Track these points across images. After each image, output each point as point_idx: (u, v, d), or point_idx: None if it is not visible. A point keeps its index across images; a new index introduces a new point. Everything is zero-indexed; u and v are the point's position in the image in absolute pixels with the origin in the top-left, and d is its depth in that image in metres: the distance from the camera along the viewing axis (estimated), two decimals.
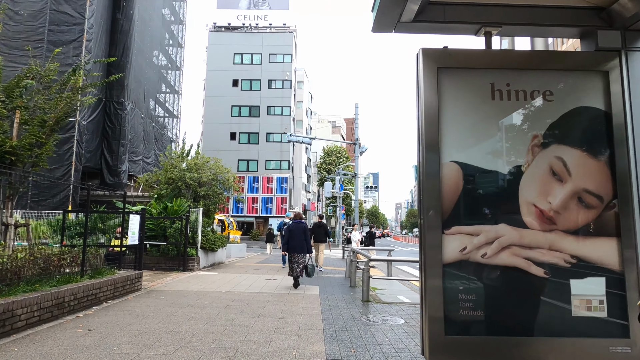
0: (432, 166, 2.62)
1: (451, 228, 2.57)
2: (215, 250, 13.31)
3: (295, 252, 8.88)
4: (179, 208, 12.44)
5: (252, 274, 11.78)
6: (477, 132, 2.70)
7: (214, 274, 11.41)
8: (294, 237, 8.96)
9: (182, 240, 11.58)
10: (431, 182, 2.60)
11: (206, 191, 13.47)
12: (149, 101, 23.56)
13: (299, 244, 8.88)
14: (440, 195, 2.58)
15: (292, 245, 8.92)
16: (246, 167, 45.52)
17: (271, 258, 18.48)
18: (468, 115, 2.72)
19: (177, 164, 13.52)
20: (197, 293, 7.93)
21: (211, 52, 47.20)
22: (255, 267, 13.95)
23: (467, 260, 2.55)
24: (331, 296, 8.03)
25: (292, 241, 8.95)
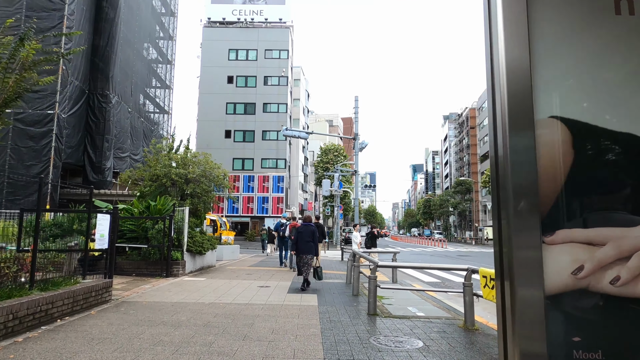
0: (518, 126, 1.48)
1: (554, 233, 1.43)
2: (204, 253, 12.18)
3: (304, 253, 9.04)
4: (162, 207, 11.31)
5: (243, 279, 10.66)
6: (594, 71, 1.56)
7: (201, 280, 10.28)
8: (302, 239, 9.10)
9: (165, 243, 10.44)
10: (518, 154, 1.46)
11: (193, 189, 12.33)
12: (138, 95, 22.39)
13: (307, 246, 9.04)
14: (534, 177, 1.46)
15: (301, 247, 9.08)
16: (241, 165, 44.39)
17: (266, 260, 17.35)
18: (578, 41, 1.58)
19: (163, 159, 12.38)
20: (175, 305, 6.80)
21: (205, 48, 46.01)
22: (248, 270, 12.83)
23: (586, 289, 1.43)
24: (332, 308, 6.92)
25: (300, 243, 9.10)
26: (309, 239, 9.08)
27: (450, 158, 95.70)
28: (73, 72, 16.66)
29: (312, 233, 9.16)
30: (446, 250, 33.37)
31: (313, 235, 9.16)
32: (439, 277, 13.02)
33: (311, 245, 9.06)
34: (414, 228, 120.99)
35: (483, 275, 5.53)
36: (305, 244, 9.04)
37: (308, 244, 9.04)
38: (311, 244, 9.07)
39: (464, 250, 32.59)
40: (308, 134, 16.52)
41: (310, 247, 9.05)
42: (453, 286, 11.11)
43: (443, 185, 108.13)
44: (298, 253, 9.16)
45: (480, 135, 71.90)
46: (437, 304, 7.80)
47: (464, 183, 65.47)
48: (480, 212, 72.61)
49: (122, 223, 10.95)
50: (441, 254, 26.42)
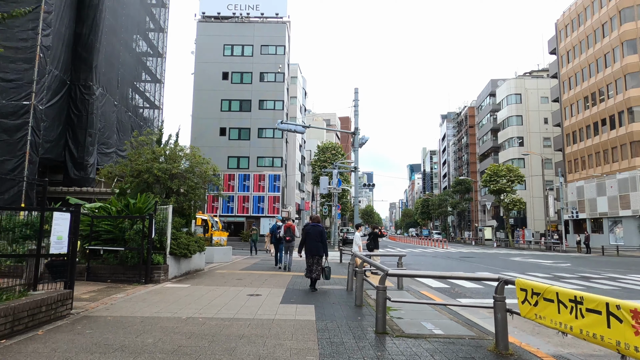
0: None
1: None
2: (190, 256, 11.06)
3: (312, 254, 9.07)
4: (143, 205, 10.18)
5: (232, 285, 9.56)
6: None
7: (184, 287, 9.16)
8: (311, 240, 9.13)
9: (144, 245, 9.32)
10: None
11: (179, 185, 11.19)
12: (126, 88, 21.21)
13: (315, 247, 9.07)
14: None
15: (309, 248, 9.12)
16: (237, 164, 43.22)
17: (259, 263, 16.25)
18: None
19: (145, 152, 11.24)
20: (145, 322, 5.69)
21: (200, 44, 44.79)
22: (239, 275, 11.73)
23: None
24: (332, 324, 5.83)
25: (309, 243, 9.14)
26: (318, 239, 9.13)
27: (449, 157, 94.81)
28: (52, 61, 15.48)
29: (320, 233, 9.22)
30: (447, 251, 32.36)
31: (321, 236, 9.21)
32: (447, 282, 11.96)
33: (319, 245, 9.11)
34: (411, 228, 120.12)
35: (521, 287, 4.45)
36: (314, 244, 9.09)
37: (317, 244, 9.09)
38: (319, 244, 9.11)
39: (465, 251, 31.60)
40: (305, 128, 15.43)
41: (319, 247, 9.10)
42: (465, 293, 10.05)
43: (441, 185, 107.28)
44: (307, 253, 9.16)
45: (480, 134, 71.05)
46: (453, 316, 6.73)
47: (464, 182, 64.54)
48: (479, 212, 71.79)
49: (97, 223, 9.84)
50: (442, 255, 25.40)
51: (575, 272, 15.90)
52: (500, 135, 60.47)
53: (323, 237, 9.24)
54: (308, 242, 9.15)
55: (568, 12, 45.31)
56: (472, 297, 9.41)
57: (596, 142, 39.79)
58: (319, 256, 9.10)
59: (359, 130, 16.84)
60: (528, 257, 25.07)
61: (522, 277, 13.20)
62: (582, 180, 41.56)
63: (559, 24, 47.26)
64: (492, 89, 65.06)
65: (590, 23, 41.09)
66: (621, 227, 36.26)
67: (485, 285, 11.26)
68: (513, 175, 43.75)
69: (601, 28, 39.58)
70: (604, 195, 38.15)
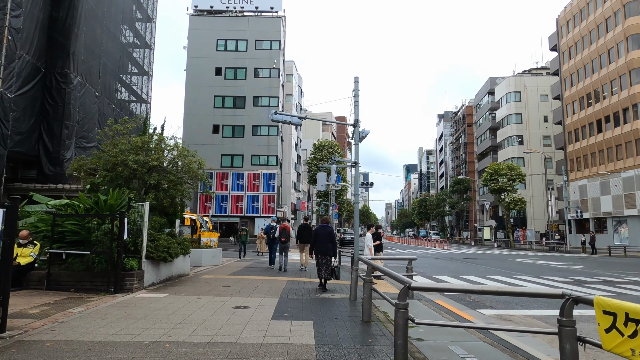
0: None
1: None
2: (171, 260, 9.74)
3: (322, 254, 9.22)
4: (115, 202, 8.86)
5: (217, 294, 8.26)
6: None
7: (160, 297, 7.85)
8: (320, 240, 9.28)
9: (114, 248, 8.00)
10: None
11: (158, 180, 9.85)
12: (110, 79, 19.81)
13: (325, 247, 9.22)
14: None
15: (319, 248, 9.27)
16: (230, 162, 41.86)
17: (251, 266, 14.94)
18: None
19: (120, 143, 9.91)
20: (91, 351, 4.38)
21: (192, 38, 43.40)
22: (227, 281, 10.43)
23: None
24: (336, 351, 4.55)
25: (319, 244, 9.29)
26: (327, 240, 9.28)
27: (446, 157, 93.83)
28: (23, 45, 14.06)
29: (329, 234, 9.38)
30: (449, 252, 31.17)
31: (330, 236, 9.37)
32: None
33: (329, 246, 9.27)
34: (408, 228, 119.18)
35: (605, 310, 3.19)
36: (323, 245, 9.22)
37: (326, 245, 9.23)
38: (329, 245, 9.27)
39: (467, 252, 30.43)
40: (301, 119, 14.11)
41: (329, 247, 9.25)
42: (485, 302, 8.80)
43: (438, 185, 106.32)
44: (317, 254, 9.30)
45: (478, 133, 70.05)
46: (484, 335, 5.47)
47: (462, 182, 63.45)
48: (477, 212, 70.79)
49: (61, 222, 8.50)
50: (445, 257, 24.21)
51: (593, 275, 14.73)
52: (499, 133, 59.47)
53: (332, 238, 9.40)
54: (318, 243, 9.27)
55: (570, 7, 44.34)
56: (495, 308, 8.17)
57: (599, 140, 38.80)
58: (329, 257, 9.23)
59: (359, 122, 15.54)
60: (534, 259, 23.93)
61: (549, 282, 12.04)
62: (585, 179, 40.57)
63: (560, 20, 46.30)
64: (490, 87, 64.10)
65: (593, 18, 40.12)
66: (626, 226, 35.26)
67: None
68: (514, 174, 42.69)
69: (604, 23, 38.61)
70: (608, 194, 37.16)
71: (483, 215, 67.51)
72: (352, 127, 15.80)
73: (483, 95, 68.00)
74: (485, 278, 13.24)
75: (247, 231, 18.47)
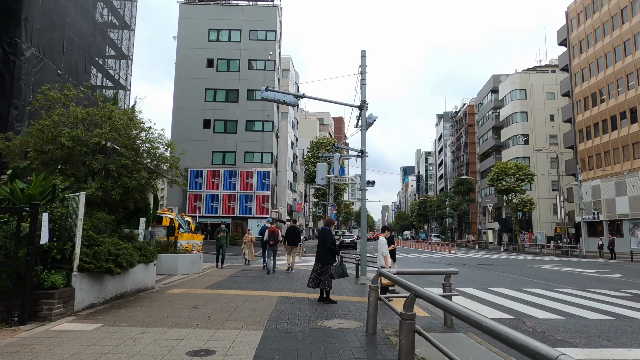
0: None
1: None
2: (118, 272, 7.18)
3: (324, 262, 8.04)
4: (35, 192, 6.34)
5: (173, 324, 5.74)
6: None
7: (87, 330, 5.31)
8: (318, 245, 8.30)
9: (22, 256, 5.47)
10: None
11: (105, 163, 7.30)
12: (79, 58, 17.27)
13: (318, 252, 8.19)
14: None
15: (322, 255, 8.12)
16: (222, 159, 39.28)
17: (236, 276, 12.39)
18: None
19: (54, 114, 7.38)
20: None
21: (183, 27, 40.85)
22: (199, 298, 7.91)
23: None
24: None
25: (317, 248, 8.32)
26: (321, 244, 8.19)
27: (446, 158, 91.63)
28: None
29: (323, 237, 8.20)
30: (457, 256, 28.72)
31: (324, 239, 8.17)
32: (505, 308, 8.28)
33: (321, 252, 8.17)
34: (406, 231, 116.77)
35: None
36: (318, 250, 8.26)
37: (319, 251, 8.23)
38: (322, 251, 8.18)
39: (478, 257, 28.00)
40: (297, 98, 11.62)
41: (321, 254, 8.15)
42: (544, 330, 6.31)
43: (437, 187, 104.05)
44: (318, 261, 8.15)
45: (480, 133, 67.82)
46: None
47: (465, 182, 61.11)
48: (478, 214, 68.47)
49: None
50: (456, 262, 21.75)
51: None
52: (503, 133, 57.25)
53: (326, 241, 8.09)
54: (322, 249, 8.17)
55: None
56: (582, 346, 5.69)
57: (614, 138, 36.58)
58: (323, 264, 8.04)
59: (366, 104, 13.10)
60: (556, 265, 21.53)
61: (603, 298, 9.49)
62: (598, 179, 38.32)
63: (570, 12, 44.14)
64: (494, 85, 61.93)
65: (607, 9, 37.95)
66: None
67: (567, 316, 7.58)
68: (522, 174, 40.36)
69: (619, 14, 36.45)
70: (624, 194, 34.91)
71: (485, 217, 65.22)
72: (359, 110, 13.35)
73: (486, 94, 65.83)
74: (520, 291, 10.80)
75: (228, 232, 15.46)
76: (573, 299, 9.57)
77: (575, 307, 8.47)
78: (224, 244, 15.24)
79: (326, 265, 8.03)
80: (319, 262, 8.07)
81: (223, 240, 15.20)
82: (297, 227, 14.76)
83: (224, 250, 15.31)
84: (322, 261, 8.06)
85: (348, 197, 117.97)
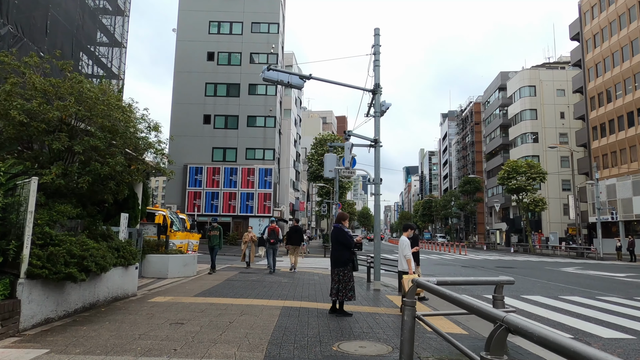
0: None
1: None
2: (83, 279, 5.77)
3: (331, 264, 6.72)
4: None
5: (144, 350, 4.35)
6: None
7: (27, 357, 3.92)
8: (332, 246, 6.85)
9: None
10: None
11: (71, 145, 5.87)
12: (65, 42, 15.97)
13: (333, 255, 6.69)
14: None
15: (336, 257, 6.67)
16: (222, 156, 37.93)
17: (234, 279, 11.00)
18: None
19: (9, 86, 6.00)
20: None
21: (182, 19, 39.51)
22: (186, 309, 6.53)
23: None
24: None
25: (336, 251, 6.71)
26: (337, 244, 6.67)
27: (451, 157, 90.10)
28: None
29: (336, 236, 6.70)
30: (470, 258, 27.27)
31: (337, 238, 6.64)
32: (554, 323, 6.88)
33: (339, 252, 6.61)
34: None
35: None
36: (333, 251, 6.74)
37: (342, 254, 6.60)
38: (340, 251, 6.60)
39: (492, 259, 26.54)
40: (303, 80, 10.21)
41: (339, 254, 6.60)
42: (609, 349, 4.88)
43: (441, 187, 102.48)
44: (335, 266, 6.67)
45: (487, 132, 66.28)
46: None
47: (472, 182, 59.56)
48: (485, 214, 66.89)
49: None
50: (471, 264, 20.33)
51: None
52: (512, 131, 55.75)
53: (342, 239, 6.60)
54: (335, 250, 6.76)
55: None
56: None
57: (630, 135, 35.05)
58: (339, 269, 6.59)
59: (380, 88, 11.70)
60: (578, 268, 20.08)
61: None
62: (614, 177, 36.78)
63: (583, 5, 42.61)
64: (502, 82, 60.41)
65: (623, 1, 36.42)
66: None
67: (637, 334, 6.16)
68: (534, 172, 38.85)
69: (637, 5, 34.92)
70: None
71: (491, 217, 63.66)
72: (371, 94, 11.94)
73: (493, 91, 64.31)
74: (559, 300, 9.39)
75: (221, 231, 12.88)
76: (629, 311, 8.14)
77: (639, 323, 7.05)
78: (217, 245, 12.79)
79: (341, 269, 6.63)
80: (335, 267, 6.69)
81: (215, 240, 12.70)
82: (300, 227, 14.52)
83: (216, 253, 12.86)
84: (337, 265, 6.69)
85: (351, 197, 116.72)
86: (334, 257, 6.73)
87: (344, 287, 6.53)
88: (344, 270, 6.60)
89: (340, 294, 6.51)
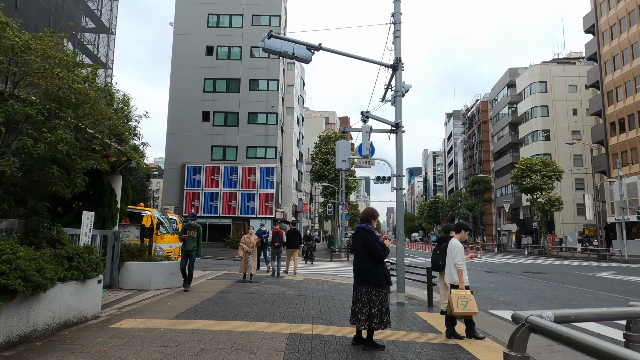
0: None
1: None
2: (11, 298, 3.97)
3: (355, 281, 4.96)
4: None
5: None
6: None
7: None
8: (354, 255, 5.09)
9: None
10: None
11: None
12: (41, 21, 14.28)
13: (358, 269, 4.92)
14: None
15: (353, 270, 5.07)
16: (222, 155, 36.16)
17: (227, 292, 9.15)
18: None
19: None
20: None
21: (180, 12, 37.84)
22: (155, 342, 4.72)
23: None
24: None
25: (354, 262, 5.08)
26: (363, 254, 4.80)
27: (456, 157, 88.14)
28: None
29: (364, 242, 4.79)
30: (489, 261, 25.35)
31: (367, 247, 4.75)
32: None
33: (366, 265, 4.77)
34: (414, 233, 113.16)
35: None
36: (357, 263, 4.93)
37: (359, 265, 4.86)
38: (367, 265, 4.76)
39: (511, 262, 24.62)
40: (311, 51, 8.40)
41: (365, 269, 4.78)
42: None
43: (446, 188, 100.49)
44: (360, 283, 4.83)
45: (495, 130, 64.34)
46: None
47: (482, 181, 57.61)
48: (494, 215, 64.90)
49: None
50: (492, 268, 18.44)
51: None
52: (522, 129, 53.81)
53: (372, 249, 4.76)
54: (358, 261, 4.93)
55: None
56: None
57: None
58: (367, 287, 4.77)
59: (401, 64, 9.88)
60: (613, 273, 18.18)
61: None
62: (635, 175, 34.85)
63: None
64: (510, 79, 58.52)
65: None
66: None
67: None
68: (549, 170, 36.91)
69: None
70: None
71: (500, 218, 61.69)
72: (392, 70, 10.12)
73: (501, 88, 62.39)
74: None
75: (201, 232, 9.36)
76: None
77: None
78: (194, 251, 9.22)
79: (373, 287, 4.78)
80: (362, 285, 4.83)
81: (192, 243, 9.16)
82: (298, 229, 14.43)
83: (193, 262, 9.30)
84: (366, 282, 4.82)
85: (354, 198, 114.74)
86: (361, 272, 4.87)
87: (379, 310, 4.73)
88: (378, 289, 4.77)
89: (376, 320, 4.70)
